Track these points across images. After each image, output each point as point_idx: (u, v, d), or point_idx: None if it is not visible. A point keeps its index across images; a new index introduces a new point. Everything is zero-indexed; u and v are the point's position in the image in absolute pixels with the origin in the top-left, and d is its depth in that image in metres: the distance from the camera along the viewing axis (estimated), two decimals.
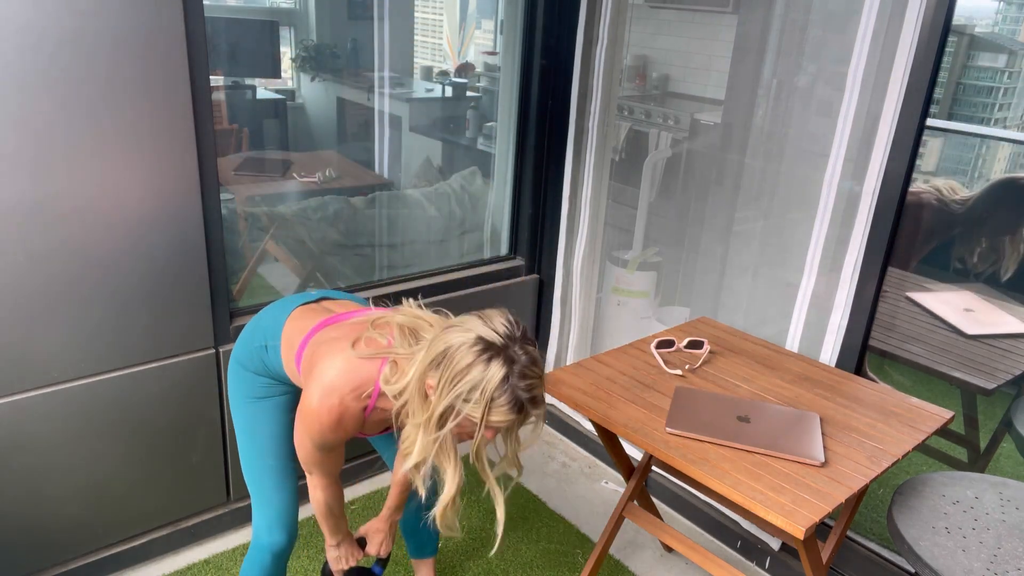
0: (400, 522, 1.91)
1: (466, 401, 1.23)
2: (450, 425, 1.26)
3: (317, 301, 1.61)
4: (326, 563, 1.74)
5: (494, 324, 1.27)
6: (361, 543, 1.77)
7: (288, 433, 1.61)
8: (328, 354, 1.39)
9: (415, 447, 1.31)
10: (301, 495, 1.70)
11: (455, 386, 1.23)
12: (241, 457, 1.65)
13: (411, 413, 1.32)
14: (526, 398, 1.24)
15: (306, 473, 1.55)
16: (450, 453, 1.30)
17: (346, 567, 1.72)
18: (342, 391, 1.36)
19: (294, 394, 1.60)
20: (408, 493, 1.77)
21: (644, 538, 2.44)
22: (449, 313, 1.43)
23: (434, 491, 1.85)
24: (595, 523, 2.48)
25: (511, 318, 1.29)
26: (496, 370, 1.22)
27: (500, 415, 1.24)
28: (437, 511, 1.36)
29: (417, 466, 1.33)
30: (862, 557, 2.16)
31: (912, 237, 2.37)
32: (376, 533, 1.78)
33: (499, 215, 2.93)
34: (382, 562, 1.82)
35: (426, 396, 1.28)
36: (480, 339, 1.24)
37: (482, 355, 1.23)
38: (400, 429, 1.38)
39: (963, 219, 2.45)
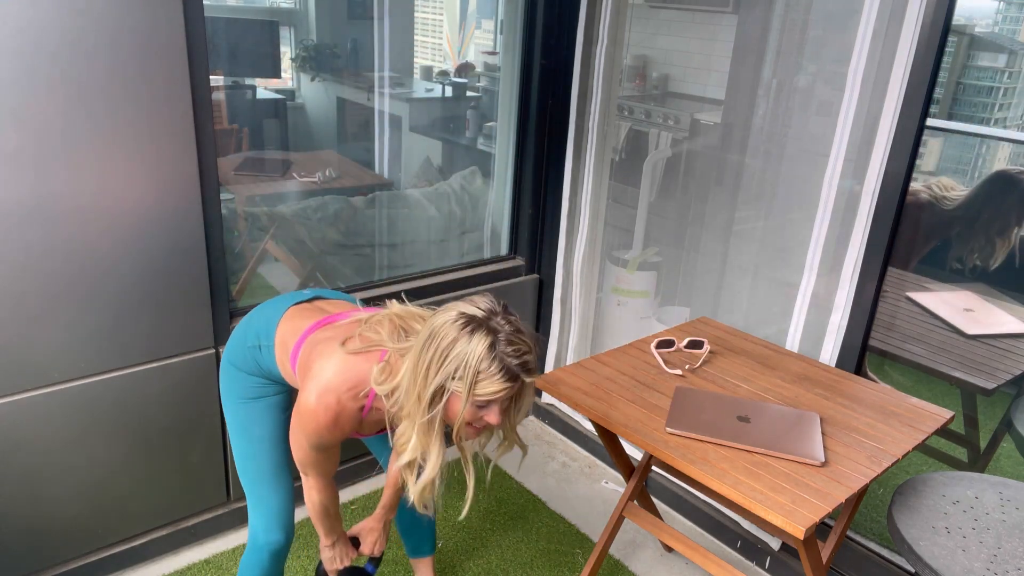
0: (396, 521, 1.91)
1: (454, 378, 1.23)
2: (440, 406, 1.25)
3: (310, 300, 1.61)
4: (320, 564, 1.74)
5: (475, 302, 1.29)
6: (355, 543, 1.77)
7: (283, 433, 1.61)
8: (324, 354, 1.39)
9: (408, 444, 1.31)
10: (297, 494, 1.69)
11: (443, 365, 1.23)
12: (236, 457, 1.65)
13: (404, 407, 1.31)
14: (515, 364, 1.23)
15: (302, 475, 1.55)
16: (436, 436, 1.30)
17: (340, 567, 1.73)
18: (339, 390, 1.36)
19: (288, 394, 1.60)
20: (401, 492, 1.77)
21: (644, 538, 2.44)
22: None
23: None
24: (595, 523, 2.48)
25: (492, 297, 1.31)
26: (480, 340, 1.22)
27: (493, 385, 1.23)
28: (415, 491, 1.36)
29: (411, 464, 1.33)
30: (862, 557, 2.16)
31: (910, 238, 2.37)
32: (370, 532, 1.78)
33: (499, 215, 2.93)
34: (375, 561, 1.82)
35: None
36: (462, 315, 1.25)
37: (464, 328, 1.23)
38: (394, 429, 1.38)
39: (960, 217, 2.44)
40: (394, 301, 1.48)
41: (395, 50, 3.06)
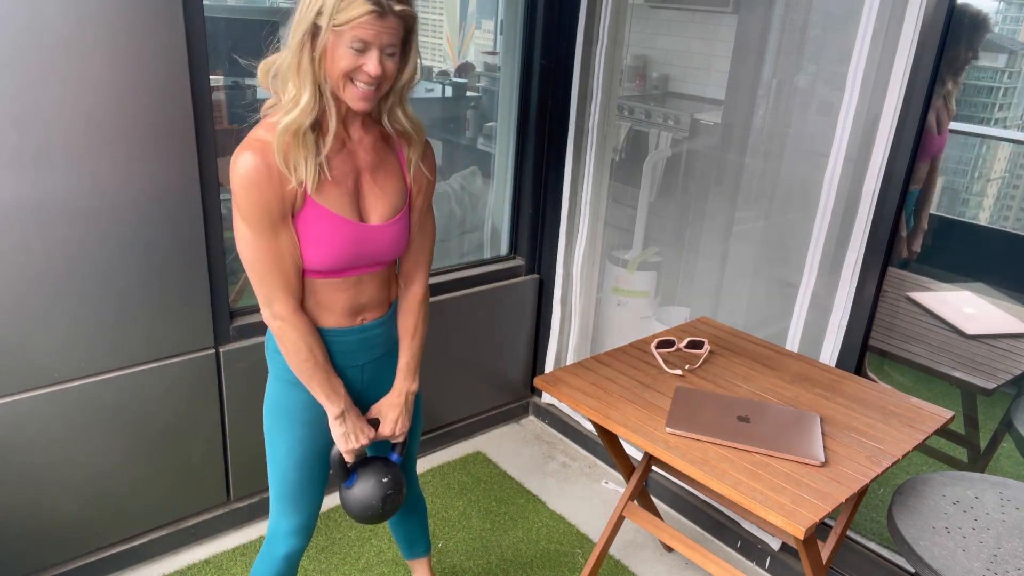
0: (389, 525, 1.90)
1: (320, 14, 1.24)
2: (311, 46, 1.26)
3: None
4: (334, 449, 1.50)
5: None
6: (374, 424, 1.54)
7: (315, 453, 1.55)
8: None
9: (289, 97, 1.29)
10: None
11: (308, 4, 1.25)
12: (271, 467, 1.57)
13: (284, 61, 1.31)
14: None
15: (269, 319, 1.39)
16: (309, 74, 1.28)
17: (357, 445, 1.48)
18: (256, 135, 1.32)
19: (326, 429, 1.53)
20: (419, 347, 1.59)
21: (644, 538, 2.44)
22: None
23: (419, 496, 1.85)
24: (595, 523, 2.49)
25: None
26: None
27: (355, 8, 1.23)
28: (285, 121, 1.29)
29: (295, 100, 1.28)
30: (862, 557, 2.16)
31: None
32: (391, 409, 1.55)
33: (499, 215, 2.93)
34: (398, 447, 1.60)
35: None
36: None
37: None
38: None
39: None
40: None
41: None
